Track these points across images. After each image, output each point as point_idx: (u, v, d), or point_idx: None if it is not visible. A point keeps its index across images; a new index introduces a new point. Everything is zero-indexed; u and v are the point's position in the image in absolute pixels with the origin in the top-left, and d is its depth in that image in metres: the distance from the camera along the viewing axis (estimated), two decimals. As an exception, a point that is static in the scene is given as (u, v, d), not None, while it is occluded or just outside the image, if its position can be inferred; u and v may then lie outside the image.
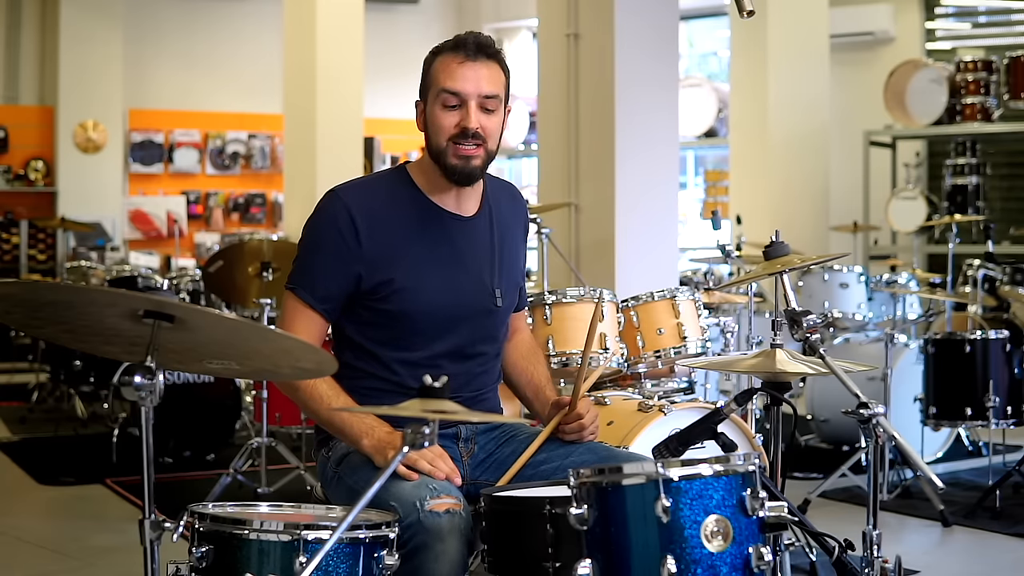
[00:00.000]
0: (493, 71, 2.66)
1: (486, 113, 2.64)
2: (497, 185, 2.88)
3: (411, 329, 2.65)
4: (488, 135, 2.65)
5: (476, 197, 2.77)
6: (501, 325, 2.81)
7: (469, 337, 2.71)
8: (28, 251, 10.89)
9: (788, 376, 2.71)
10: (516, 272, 2.86)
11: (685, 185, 11.66)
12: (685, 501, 1.99)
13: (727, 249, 4.97)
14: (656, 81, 5.66)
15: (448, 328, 2.67)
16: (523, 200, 2.96)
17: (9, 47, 11.18)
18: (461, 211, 2.73)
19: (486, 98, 2.63)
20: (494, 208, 2.80)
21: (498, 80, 2.67)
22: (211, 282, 6.59)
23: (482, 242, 2.75)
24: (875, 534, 2.50)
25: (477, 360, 2.74)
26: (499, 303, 2.74)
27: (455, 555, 2.33)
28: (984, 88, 9.03)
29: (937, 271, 8.03)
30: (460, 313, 2.68)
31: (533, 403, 2.89)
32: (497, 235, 2.78)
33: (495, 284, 2.74)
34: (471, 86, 2.62)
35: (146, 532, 2.12)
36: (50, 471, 5.97)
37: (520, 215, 2.91)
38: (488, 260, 2.75)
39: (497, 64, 2.68)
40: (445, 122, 2.64)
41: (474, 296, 2.71)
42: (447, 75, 2.64)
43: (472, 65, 2.63)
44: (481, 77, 2.63)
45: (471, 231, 2.74)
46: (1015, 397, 5.35)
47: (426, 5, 12.60)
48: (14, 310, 2.19)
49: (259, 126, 11.88)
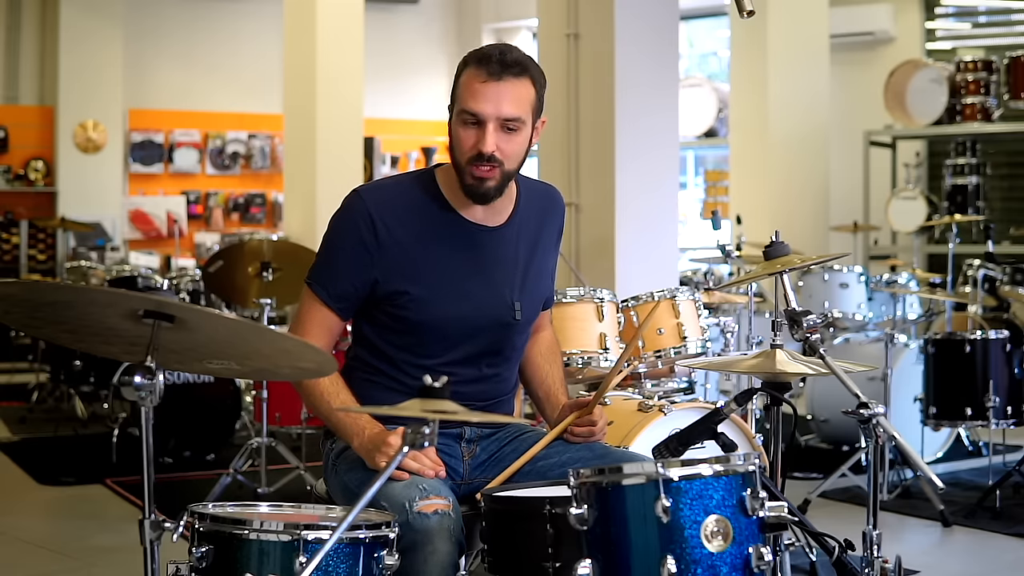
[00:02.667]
0: (519, 89, 2.56)
1: (507, 134, 2.57)
2: (532, 190, 2.81)
3: (426, 337, 2.65)
4: (506, 157, 2.57)
5: (506, 206, 2.72)
6: (519, 337, 2.78)
7: (484, 348, 2.69)
8: (28, 251, 10.89)
9: (788, 376, 2.71)
10: (541, 284, 2.81)
11: (685, 185, 11.66)
12: (685, 501, 1.99)
13: (727, 249, 4.97)
14: (656, 81, 5.66)
15: (463, 339, 2.66)
16: (561, 203, 2.89)
17: (9, 47, 11.18)
18: (487, 221, 2.69)
19: (506, 120, 2.55)
20: (524, 217, 2.75)
21: (523, 99, 2.57)
22: (211, 282, 6.59)
23: (506, 254, 2.71)
24: (875, 534, 2.50)
25: (492, 371, 2.73)
26: (517, 316, 2.71)
27: (444, 556, 2.33)
28: (984, 88, 9.03)
29: (937, 271, 8.03)
30: (476, 325, 2.66)
31: (543, 403, 2.88)
32: (524, 247, 2.74)
33: (515, 297, 2.70)
34: (491, 108, 2.54)
35: (146, 532, 2.12)
36: (50, 471, 5.97)
37: (555, 221, 2.85)
38: (510, 273, 2.71)
39: (527, 79, 2.58)
40: (464, 141, 2.58)
41: (492, 309, 2.68)
42: (469, 93, 2.56)
43: (495, 86, 2.54)
44: (503, 99, 2.54)
45: (496, 242, 2.70)
46: (1015, 397, 5.35)
47: (426, 5, 12.59)
48: (14, 310, 2.19)
49: (259, 126, 11.88)
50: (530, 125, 2.62)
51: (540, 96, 2.63)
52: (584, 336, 3.78)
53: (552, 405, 2.84)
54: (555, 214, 2.85)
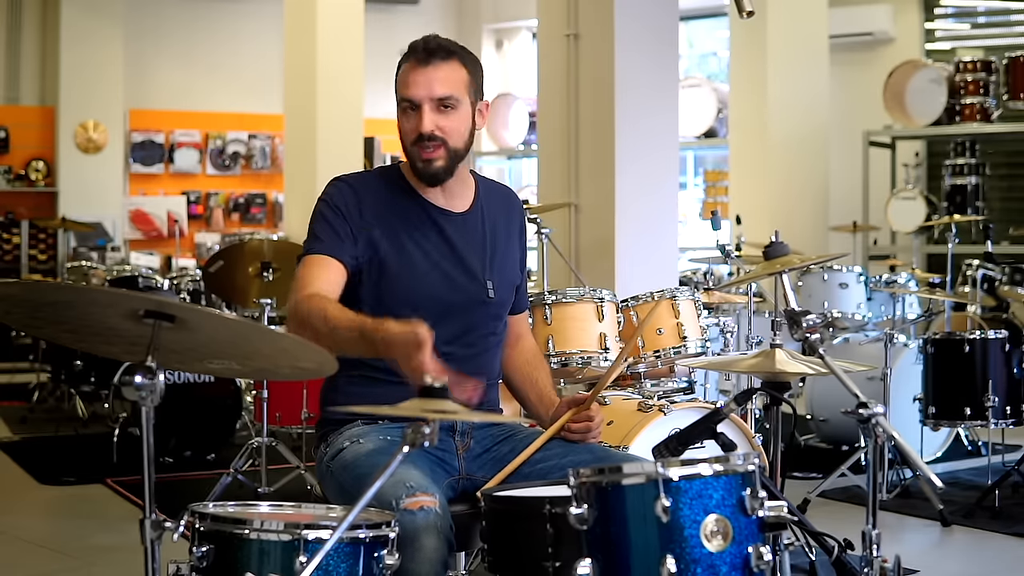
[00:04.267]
0: (448, 71, 2.70)
1: (443, 112, 2.69)
2: (490, 187, 2.94)
3: (404, 317, 2.64)
4: (448, 134, 2.70)
5: (466, 195, 2.84)
6: (496, 320, 2.84)
7: (463, 328, 2.74)
8: (29, 251, 10.89)
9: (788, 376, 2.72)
10: (509, 268, 2.89)
11: (685, 185, 11.65)
12: (685, 501, 1.99)
13: (727, 249, 4.98)
14: (656, 81, 5.66)
15: (441, 317, 2.65)
16: (518, 202, 3.01)
17: (10, 47, 11.18)
18: (452, 207, 2.81)
19: (440, 100, 2.68)
20: (486, 207, 2.86)
21: (455, 79, 2.70)
22: (211, 282, 6.59)
23: (473, 236, 2.81)
24: (874, 534, 2.50)
25: (472, 351, 2.76)
26: (491, 295, 2.79)
27: (432, 553, 2.33)
28: (983, 88, 9.04)
29: (936, 271, 8.04)
30: (452, 302, 2.73)
31: (536, 407, 2.90)
32: (489, 231, 2.84)
33: (486, 276, 2.79)
34: (422, 91, 2.68)
35: (146, 532, 2.12)
36: (51, 471, 5.97)
37: (514, 215, 2.95)
38: (479, 253, 2.80)
39: (456, 62, 2.72)
40: (405, 128, 2.74)
41: (466, 286, 2.76)
42: (402, 83, 2.73)
43: (423, 70, 2.69)
44: (433, 80, 2.68)
45: (462, 225, 2.80)
46: (1014, 397, 5.35)
47: (426, 5, 12.60)
48: (15, 310, 2.20)
49: (259, 126, 11.88)
50: (468, 104, 2.74)
51: (475, 79, 2.76)
52: (584, 336, 3.78)
53: (545, 406, 2.86)
54: (514, 211, 2.96)
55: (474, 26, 12.52)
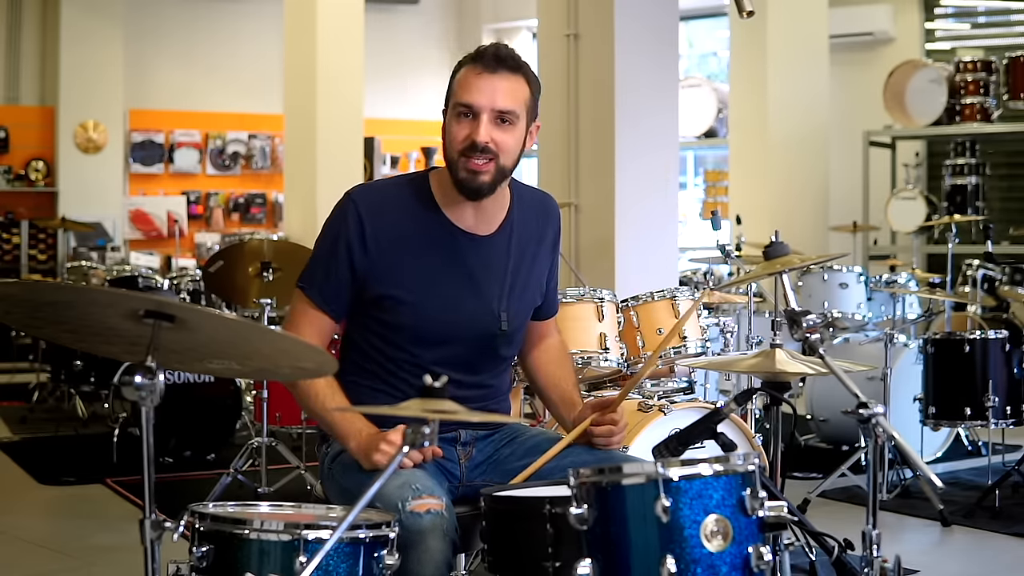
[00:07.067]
0: (513, 84, 2.59)
1: (500, 127, 2.58)
2: (526, 199, 2.81)
3: (412, 341, 2.65)
4: (501, 150, 2.58)
5: (498, 213, 2.72)
6: (507, 347, 2.77)
7: (470, 356, 2.70)
8: (29, 251, 10.89)
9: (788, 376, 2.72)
10: (532, 289, 2.80)
11: (685, 185, 11.66)
12: (685, 501, 1.99)
13: (727, 249, 4.98)
14: (656, 81, 5.65)
15: (448, 345, 2.66)
16: (555, 209, 2.89)
17: (9, 47, 11.18)
18: (477, 229, 2.69)
19: (501, 112, 2.57)
20: (517, 225, 2.75)
21: (518, 94, 2.60)
22: (211, 282, 6.58)
23: (496, 263, 2.71)
24: (874, 534, 2.50)
25: (478, 378, 2.73)
26: (504, 327, 2.70)
27: (438, 555, 2.33)
28: (983, 88, 9.04)
29: (936, 271, 8.04)
30: (460, 334, 2.67)
31: (558, 407, 2.86)
32: (515, 255, 2.73)
33: (502, 307, 2.70)
34: (485, 99, 2.56)
35: (146, 532, 2.12)
36: (51, 471, 5.97)
37: (549, 229, 2.84)
38: (498, 282, 2.70)
39: (521, 77, 2.61)
40: (457, 134, 2.59)
41: (477, 318, 2.68)
42: (463, 87, 2.59)
43: (489, 78, 2.57)
44: (497, 90, 2.57)
45: (485, 251, 2.69)
46: (1014, 397, 5.35)
47: (426, 5, 12.60)
48: (15, 310, 2.20)
49: (259, 126, 11.88)
50: (524, 123, 2.63)
51: (535, 97, 2.65)
52: (584, 336, 3.79)
53: (567, 408, 2.82)
54: (550, 223, 2.85)
55: (474, 26, 12.52)
